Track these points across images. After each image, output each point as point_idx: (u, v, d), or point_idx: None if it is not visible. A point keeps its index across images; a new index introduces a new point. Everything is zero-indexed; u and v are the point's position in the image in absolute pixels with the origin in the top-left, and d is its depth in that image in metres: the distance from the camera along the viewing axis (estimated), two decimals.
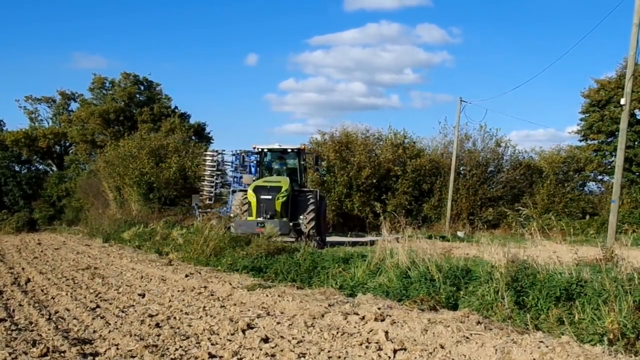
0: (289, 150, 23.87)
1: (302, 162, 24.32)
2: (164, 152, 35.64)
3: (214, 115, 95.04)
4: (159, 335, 7.11)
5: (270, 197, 20.97)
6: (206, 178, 28.52)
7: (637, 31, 21.39)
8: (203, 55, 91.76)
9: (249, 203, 21.23)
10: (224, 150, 29.03)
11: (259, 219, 20.47)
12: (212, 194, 28.25)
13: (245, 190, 22.97)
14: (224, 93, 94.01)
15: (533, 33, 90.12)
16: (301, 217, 21.82)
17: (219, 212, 24.15)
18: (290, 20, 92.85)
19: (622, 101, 22.35)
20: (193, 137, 45.54)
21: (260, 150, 23.90)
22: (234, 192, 24.67)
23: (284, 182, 22.00)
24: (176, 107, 49.48)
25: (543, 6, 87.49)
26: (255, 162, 24.92)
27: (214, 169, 28.53)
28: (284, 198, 21.27)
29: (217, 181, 28.87)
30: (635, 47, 21.62)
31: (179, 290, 10.80)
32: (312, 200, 22.39)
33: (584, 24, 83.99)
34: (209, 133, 49.69)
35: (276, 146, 23.83)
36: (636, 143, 37.34)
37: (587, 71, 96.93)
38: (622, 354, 5.96)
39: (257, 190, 21.28)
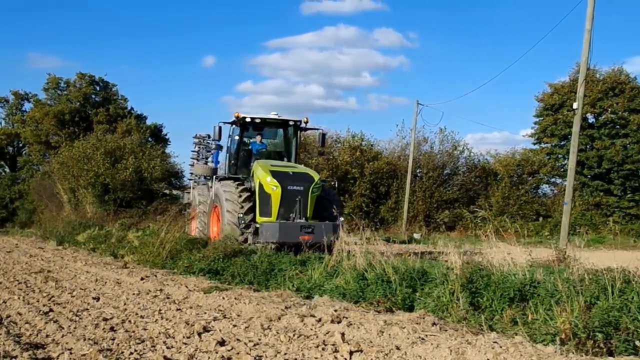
0: (291, 123, 18.54)
1: (299, 142, 19.78)
2: (120, 153, 35.21)
3: (171, 117, 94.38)
4: (113, 339, 7.02)
5: (301, 188, 16.13)
6: (190, 168, 25.54)
7: (589, 37, 21.86)
8: (160, 56, 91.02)
9: (264, 197, 16.16)
10: (208, 136, 25.17)
11: (299, 221, 15.75)
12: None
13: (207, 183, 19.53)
14: (181, 95, 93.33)
15: (488, 38, 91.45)
16: (341, 218, 16.31)
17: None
18: (248, 23, 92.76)
19: (575, 105, 22.80)
20: (149, 139, 45.08)
21: (243, 120, 17.93)
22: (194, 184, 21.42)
23: (306, 169, 17.79)
24: (132, 108, 48.94)
25: (498, 12, 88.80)
26: (220, 143, 19.60)
27: (200, 157, 25.18)
28: (319, 191, 16.61)
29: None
30: (587, 53, 22.08)
31: (134, 294, 10.68)
32: (335, 196, 18.36)
33: (539, 30, 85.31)
34: (165, 135, 49.25)
35: (272, 116, 18.38)
36: (588, 146, 38.08)
37: (541, 76, 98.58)
38: (573, 353, 6.07)
39: (280, 177, 16.19)
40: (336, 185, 22.31)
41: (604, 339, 6.21)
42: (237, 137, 18.41)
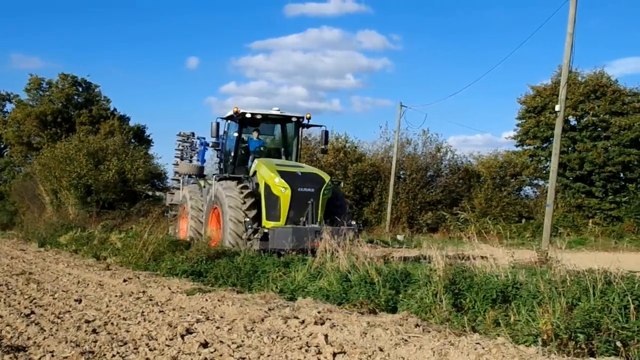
0: (293, 119, 17.58)
1: (301, 140, 18.75)
2: (102, 154, 35.04)
3: (154, 118, 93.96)
4: (95, 342, 6.98)
5: (312, 190, 15.29)
6: (174, 167, 24.89)
7: (571, 40, 22.02)
8: (143, 57, 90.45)
9: (272, 199, 15.31)
10: (193, 134, 24.72)
11: (312, 225, 14.81)
12: (177, 189, 24.46)
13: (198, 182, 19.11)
14: (164, 96, 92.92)
15: (471, 41, 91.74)
16: (352, 222, 15.81)
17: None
18: (231, 24, 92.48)
19: (557, 107, 22.96)
20: (132, 140, 44.89)
21: (242, 116, 16.95)
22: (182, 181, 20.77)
23: (314, 169, 16.99)
24: (115, 109, 48.67)
25: (481, 16, 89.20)
26: (218, 141, 18.14)
27: (182, 157, 24.51)
28: (330, 193, 15.78)
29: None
30: (569, 55, 22.25)
31: (116, 296, 10.62)
32: (343, 198, 17.62)
33: (521, 33, 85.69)
34: (148, 136, 49.03)
35: (274, 111, 17.56)
36: (570, 149, 38.34)
37: (524, 78, 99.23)
38: (555, 354, 6.11)
39: (289, 177, 15.33)
40: (342, 186, 21.73)
41: (586, 340, 6.26)
42: (235, 134, 17.42)
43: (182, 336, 7.13)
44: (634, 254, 20.35)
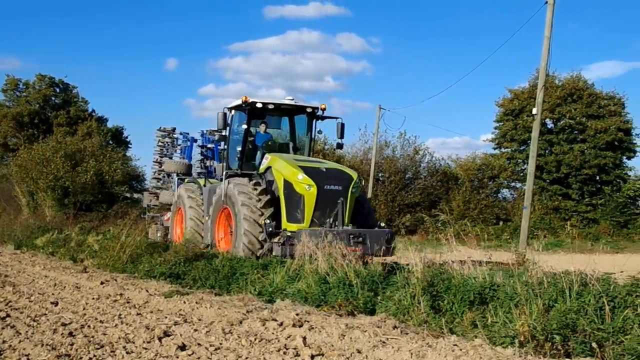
0: (308, 110, 16.06)
1: (315, 133, 16.72)
2: (80, 156, 34.76)
3: (132, 119, 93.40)
4: (72, 345, 6.93)
5: (340, 188, 13.94)
6: (153, 166, 24.05)
7: (548, 44, 22.25)
8: (121, 58, 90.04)
9: (294, 198, 13.96)
10: (175, 129, 23.64)
11: (346, 228, 13.49)
12: (158, 190, 23.66)
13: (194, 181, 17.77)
14: (142, 97, 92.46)
15: (450, 44, 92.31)
16: (381, 224, 14.75)
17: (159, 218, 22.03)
18: (210, 26, 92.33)
19: (534, 111, 23.17)
20: (110, 142, 44.60)
21: (252, 106, 15.42)
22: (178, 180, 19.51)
23: (338, 165, 15.94)
24: (93, 111, 48.28)
25: (460, 19, 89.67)
26: (225, 133, 16.25)
27: (163, 154, 23.56)
28: (358, 192, 14.58)
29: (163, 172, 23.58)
30: (546, 59, 22.46)
31: (93, 298, 10.55)
32: (366, 198, 16.37)
33: (499, 36, 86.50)
34: (126, 137, 48.73)
35: (287, 101, 16.11)
36: (547, 151, 38.62)
37: (502, 81, 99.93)
38: (531, 355, 6.16)
39: (313, 174, 13.97)
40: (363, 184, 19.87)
41: (562, 341, 6.31)
42: (243, 126, 15.78)
43: (160, 339, 7.10)
44: (609, 255, 20.50)
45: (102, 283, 12.33)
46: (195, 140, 22.36)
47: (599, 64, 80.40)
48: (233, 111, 16.10)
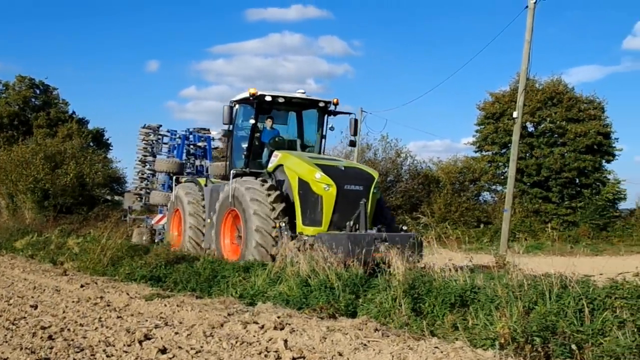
0: (321, 104, 15.11)
1: (327, 129, 15.59)
2: (60, 158, 34.50)
3: (114, 121, 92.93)
4: (51, 348, 6.88)
5: (360, 188, 13.05)
6: (137, 165, 23.33)
7: (528, 48, 22.41)
8: (102, 60, 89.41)
9: (311, 199, 13.04)
10: (160, 126, 22.95)
11: (371, 231, 12.52)
12: (141, 191, 23.19)
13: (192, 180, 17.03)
14: (123, 99, 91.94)
15: (432, 47, 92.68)
16: (404, 228, 13.79)
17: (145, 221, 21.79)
18: (192, 28, 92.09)
19: (515, 114, 23.33)
20: (91, 144, 44.34)
21: (260, 99, 14.46)
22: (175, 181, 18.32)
23: (357, 164, 15.47)
24: (74, 112, 47.99)
25: (442, 22, 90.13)
26: (231, 129, 15.14)
27: (147, 153, 22.84)
28: (379, 193, 13.84)
29: (149, 172, 22.99)
30: (527, 63, 22.66)
31: (73, 301, 10.49)
32: (383, 200, 15.39)
33: (481, 40, 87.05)
34: (108, 139, 48.47)
35: (298, 94, 15.16)
36: (527, 155, 38.81)
37: (483, 85, 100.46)
38: (512, 357, 6.20)
39: (332, 173, 13.05)
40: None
41: (542, 343, 6.35)
42: (251, 121, 14.71)
43: (140, 342, 7.07)
44: (589, 258, 20.65)
45: (82, 286, 12.26)
46: (187, 138, 22.01)
47: (579, 68, 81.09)
48: (237, 105, 15.14)
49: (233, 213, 14.17)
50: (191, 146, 22.85)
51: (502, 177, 39.13)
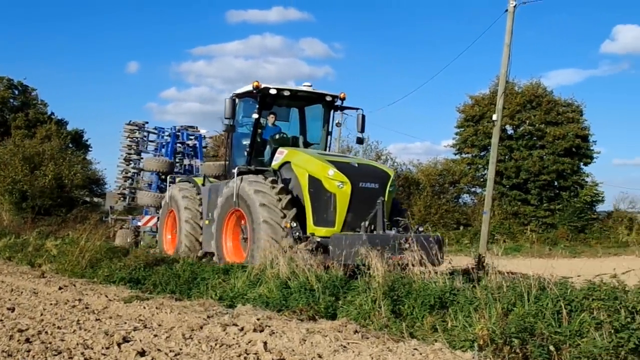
0: (328, 98, 14.40)
1: (333, 125, 15.08)
2: (39, 159, 34.23)
3: (93, 122, 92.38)
4: (29, 351, 6.81)
5: (376, 186, 12.36)
6: (120, 164, 22.72)
7: (508, 51, 22.58)
8: (82, 61, 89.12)
9: (323, 198, 12.30)
10: (146, 123, 22.41)
11: (388, 232, 11.72)
12: (125, 190, 22.60)
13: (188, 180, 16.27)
14: (103, 100, 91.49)
15: (413, 50, 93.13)
16: (420, 228, 12.70)
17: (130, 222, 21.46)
18: (173, 29, 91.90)
19: (494, 117, 23.48)
20: (70, 145, 44.03)
21: (264, 92, 13.69)
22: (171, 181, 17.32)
23: (370, 161, 14.88)
24: (53, 113, 47.70)
25: (422, 25, 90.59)
26: (233, 124, 13.89)
27: (132, 151, 22.28)
28: (395, 192, 13.22)
29: (133, 170, 22.43)
30: (506, 66, 22.80)
31: (51, 304, 10.40)
32: (397, 200, 14.48)
33: (461, 43, 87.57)
34: (87, 140, 48.19)
35: (305, 88, 14.38)
36: (507, 157, 39.06)
37: (463, 88, 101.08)
38: (490, 358, 6.23)
39: (345, 170, 12.33)
40: None
41: (520, 345, 6.38)
42: (254, 116, 13.90)
43: (119, 345, 7.02)
44: (567, 260, 20.87)
45: (60, 288, 12.16)
46: (178, 136, 21.69)
47: (558, 71, 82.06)
48: (237, 100, 14.17)
49: (237, 213, 13.49)
50: (180, 144, 22.42)
51: (482, 180, 39.35)
